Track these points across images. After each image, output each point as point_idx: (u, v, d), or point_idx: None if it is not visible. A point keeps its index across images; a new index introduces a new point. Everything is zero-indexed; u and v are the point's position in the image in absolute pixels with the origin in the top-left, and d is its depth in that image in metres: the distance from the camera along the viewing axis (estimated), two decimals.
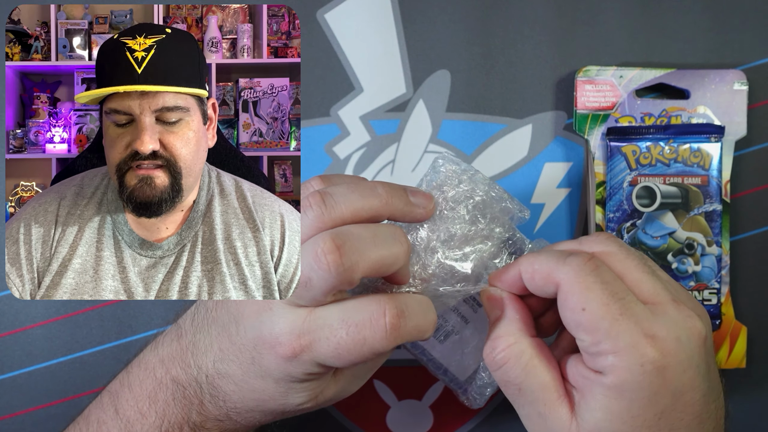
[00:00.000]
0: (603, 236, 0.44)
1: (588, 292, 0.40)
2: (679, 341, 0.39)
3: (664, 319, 0.40)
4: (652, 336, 0.39)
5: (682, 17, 0.59)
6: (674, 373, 0.39)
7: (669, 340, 0.39)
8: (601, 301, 0.39)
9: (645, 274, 0.41)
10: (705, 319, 0.41)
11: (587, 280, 0.40)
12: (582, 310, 0.39)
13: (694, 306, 0.42)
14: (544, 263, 0.42)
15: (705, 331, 0.40)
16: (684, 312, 0.40)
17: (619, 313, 0.39)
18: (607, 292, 0.39)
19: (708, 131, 0.57)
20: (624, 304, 0.39)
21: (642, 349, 0.38)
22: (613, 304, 0.39)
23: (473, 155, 0.60)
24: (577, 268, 0.40)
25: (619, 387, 0.39)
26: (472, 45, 0.60)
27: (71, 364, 0.60)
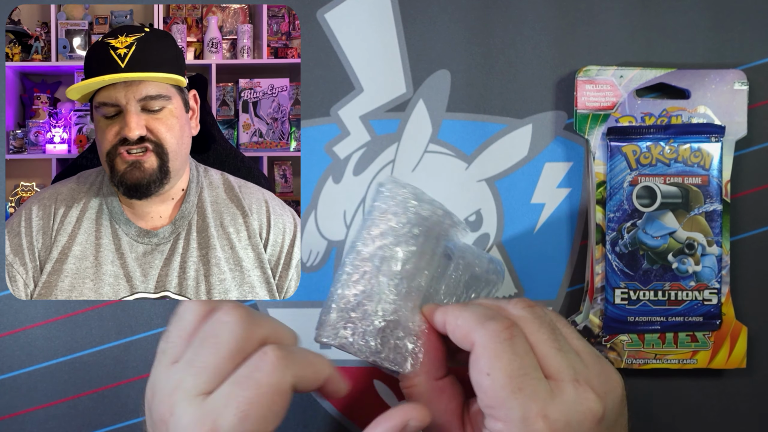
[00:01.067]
0: (522, 303, 0.45)
1: (496, 360, 0.41)
2: (569, 425, 0.40)
3: (561, 399, 0.41)
4: (544, 416, 0.40)
5: (682, 17, 0.59)
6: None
7: (560, 422, 0.40)
8: (505, 372, 0.41)
9: (552, 349, 0.43)
10: (608, 398, 0.42)
11: (498, 348, 0.41)
12: (487, 375, 0.41)
13: (600, 383, 0.43)
14: (466, 321, 0.43)
15: (601, 412, 0.41)
16: (582, 393, 0.41)
17: (519, 387, 0.40)
18: (514, 364, 0.41)
19: (708, 131, 0.57)
20: (526, 380, 0.41)
21: (531, 426, 0.40)
22: (516, 378, 0.40)
23: (473, 155, 0.60)
24: (493, 334, 0.42)
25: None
26: (472, 45, 0.60)
27: (71, 364, 0.60)
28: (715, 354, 0.57)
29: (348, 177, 0.60)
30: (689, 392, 0.59)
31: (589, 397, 0.41)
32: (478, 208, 0.60)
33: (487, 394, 0.41)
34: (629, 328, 0.56)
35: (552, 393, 0.41)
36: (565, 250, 0.59)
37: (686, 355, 0.57)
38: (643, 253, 0.56)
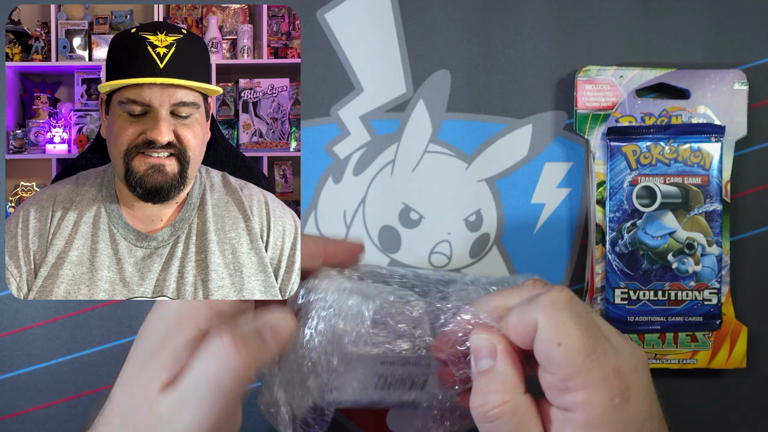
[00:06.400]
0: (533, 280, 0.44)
1: (564, 328, 0.40)
2: (637, 372, 0.40)
3: (620, 351, 0.41)
4: (618, 370, 0.40)
5: (682, 17, 0.59)
6: (636, 403, 0.40)
7: (629, 371, 0.40)
8: (576, 336, 0.40)
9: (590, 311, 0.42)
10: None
11: (562, 315, 0.40)
12: (557, 345, 0.40)
13: (624, 337, 0.43)
14: (521, 310, 0.41)
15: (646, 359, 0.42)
16: (630, 343, 0.42)
17: (593, 348, 0.40)
18: (582, 326, 0.40)
19: (708, 131, 0.57)
20: (596, 339, 0.40)
21: (611, 383, 0.39)
22: (587, 340, 0.40)
23: (473, 155, 0.60)
24: (551, 304, 0.40)
25: (590, 423, 0.39)
26: (472, 45, 0.60)
27: (71, 364, 0.60)
28: (715, 354, 0.57)
29: (348, 177, 0.60)
30: (689, 392, 0.59)
31: (634, 344, 0.42)
32: (478, 208, 0.60)
33: (561, 366, 0.39)
34: (629, 328, 0.56)
35: (613, 347, 0.40)
36: (565, 250, 0.60)
37: (686, 355, 0.57)
38: (643, 253, 0.56)
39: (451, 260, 0.60)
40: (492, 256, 0.60)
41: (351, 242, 0.46)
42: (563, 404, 0.40)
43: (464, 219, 0.60)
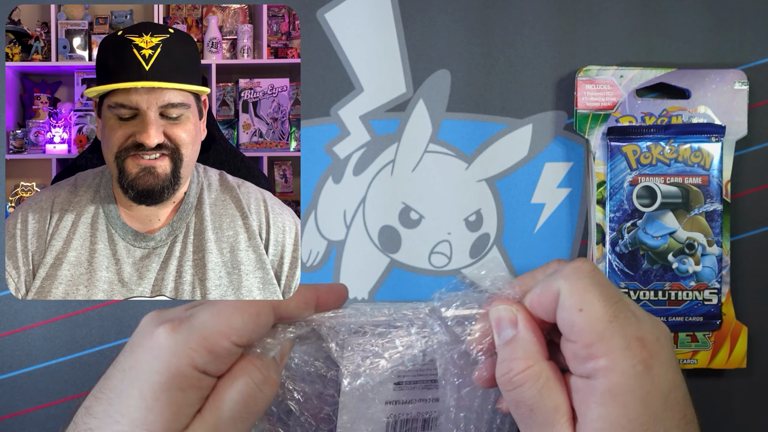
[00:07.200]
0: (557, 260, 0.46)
1: (586, 294, 0.40)
2: (660, 342, 0.40)
3: (642, 320, 0.41)
4: (640, 339, 0.39)
5: (682, 17, 0.59)
6: (660, 373, 0.40)
7: (652, 341, 0.40)
8: (598, 302, 0.40)
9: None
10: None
11: (585, 282, 0.41)
12: (579, 311, 0.40)
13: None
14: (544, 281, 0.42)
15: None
16: (652, 316, 0.42)
17: (615, 315, 0.40)
18: (604, 292, 0.40)
19: (708, 131, 0.57)
20: (619, 306, 0.40)
21: (633, 350, 0.39)
22: (610, 306, 0.40)
23: (473, 155, 0.60)
24: (574, 272, 0.41)
25: (612, 391, 0.39)
26: (472, 45, 0.60)
27: (71, 364, 0.60)
28: (715, 354, 0.57)
29: (348, 177, 0.60)
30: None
31: (656, 318, 0.42)
32: (478, 208, 0.60)
33: (583, 332, 0.40)
34: None
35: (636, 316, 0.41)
36: (565, 250, 0.59)
37: (686, 355, 0.57)
38: (644, 253, 0.56)
39: (451, 260, 0.60)
40: (492, 256, 0.60)
41: (337, 287, 0.47)
42: (585, 372, 0.40)
43: (464, 219, 0.60)
